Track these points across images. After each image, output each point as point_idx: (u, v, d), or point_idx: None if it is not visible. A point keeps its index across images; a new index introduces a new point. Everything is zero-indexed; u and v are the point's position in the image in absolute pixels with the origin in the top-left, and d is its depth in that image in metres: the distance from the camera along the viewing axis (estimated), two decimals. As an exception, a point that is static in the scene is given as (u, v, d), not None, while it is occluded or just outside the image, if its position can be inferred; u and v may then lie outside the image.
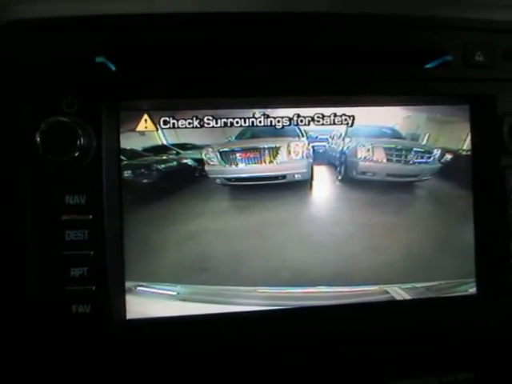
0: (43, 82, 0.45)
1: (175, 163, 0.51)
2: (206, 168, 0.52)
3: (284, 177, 0.53)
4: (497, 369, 0.55)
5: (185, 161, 0.52)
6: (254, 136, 0.53)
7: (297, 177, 0.54)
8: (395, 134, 0.55)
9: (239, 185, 0.53)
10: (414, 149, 0.55)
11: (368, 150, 0.55)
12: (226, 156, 0.52)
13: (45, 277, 0.46)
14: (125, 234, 0.49)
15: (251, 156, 0.53)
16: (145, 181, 0.50)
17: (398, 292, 0.54)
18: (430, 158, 0.55)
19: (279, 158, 0.53)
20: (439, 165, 0.55)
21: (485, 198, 0.54)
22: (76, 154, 0.43)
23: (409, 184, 0.55)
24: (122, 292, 0.49)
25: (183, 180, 0.51)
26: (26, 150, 0.45)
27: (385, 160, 0.55)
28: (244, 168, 0.53)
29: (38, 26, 0.45)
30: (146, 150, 0.51)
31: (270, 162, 0.53)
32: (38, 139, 0.43)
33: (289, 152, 0.53)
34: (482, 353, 0.54)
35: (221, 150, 0.52)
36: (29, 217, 0.46)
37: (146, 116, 0.50)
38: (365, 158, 0.55)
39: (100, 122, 0.46)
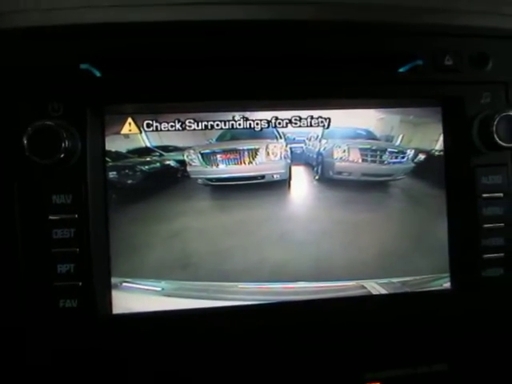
0: (30, 87, 0.48)
1: (158, 164, 0.53)
2: (188, 169, 0.54)
3: (263, 177, 0.55)
4: (469, 360, 0.57)
5: (167, 162, 0.53)
6: (233, 138, 0.55)
7: (275, 177, 0.55)
8: (370, 136, 0.57)
9: (220, 185, 0.55)
10: (389, 149, 0.57)
11: (344, 151, 0.57)
12: (207, 157, 0.54)
13: (33, 273, 0.48)
14: (110, 232, 0.51)
15: (231, 157, 0.55)
16: (129, 181, 0.52)
17: (375, 287, 0.56)
18: (403, 158, 0.57)
19: (258, 159, 0.55)
20: (413, 164, 0.57)
21: (457, 196, 0.56)
22: (61, 156, 0.45)
23: (383, 183, 0.57)
24: (108, 288, 0.51)
25: (166, 180, 0.53)
26: (14, 152, 0.47)
27: (360, 160, 0.57)
28: (224, 169, 0.55)
29: (25, 35, 0.48)
30: (130, 151, 0.53)
31: (250, 162, 0.55)
32: (25, 142, 0.45)
33: (267, 153, 0.55)
34: (455, 345, 0.56)
35: (202, 152, 0.54)
36: (17, 216, 0.48)
37: (129, 119, 0.52)
38: (341, 158, 0.57)
39: (85, 126, 0.48)
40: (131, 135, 0.52)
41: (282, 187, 0.56)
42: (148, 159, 0.53)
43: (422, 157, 0.57)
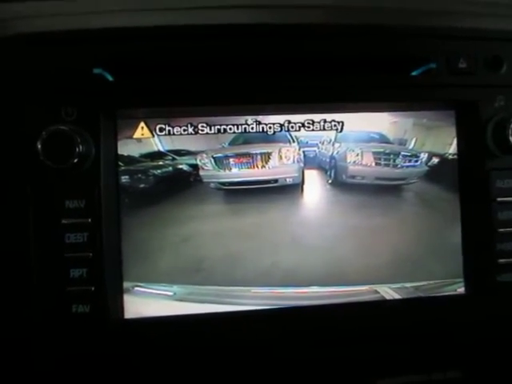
0: (44, 92, 0.48)
1: (171, 168, 0.53)
2: (201, 173, 0.54)
3: (276, 181, 0.55)
4: (484, 367, 0.56)
5: (180, 166, 0.53)
6: (246, 142, 0.55)
7: (288, 181, 0.55)
8: (383, 139, 0.57)
9: (233, 189, 0.54)
10: (402, 153, 0.57)
11: (357, 155, 0.56)
12: (220, 161, 0.54)
13: (46, 278, 0.48)
14: (123, 236, 0.51)
15: (244, 161, 0.54)
16: (142, 186, 0.52)
17: (388, 292, 0.55)
18: (417, 161, 0.57)
19: (271, 162, 0.55)
20: (426, 168, 0.57)
21: (471, 200, 0.55)
22: (75, 161, 0.45)
23: (397, 187, 0.57)
24: (120, 292, 0.51)
25: (179, 185, 0.53)
26: (28, 157, 0.47)
27: (373, 164, 0.57)
28: (237, 173, 0.55)
29: (38, 40, 0.48)
30: (142, 156, 0.53)
31: (263, 166, 0.55)
32: (39, 147, 0.45)
33: (280, 157, 0.55)
34: (470, 351, 0.56)
35: (215, 156, 0.54)
36: (30, 220, 0.48)
37: (142, 124, 0.52)
38: (354, 162, 0.56)
39: (98, 130, 0.48)
40: (143, 139, 0.52)
41: (295, 191, 0.55)
42: (160, 163, 0.53)
43: (435, 160, 0.57)
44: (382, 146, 0.57)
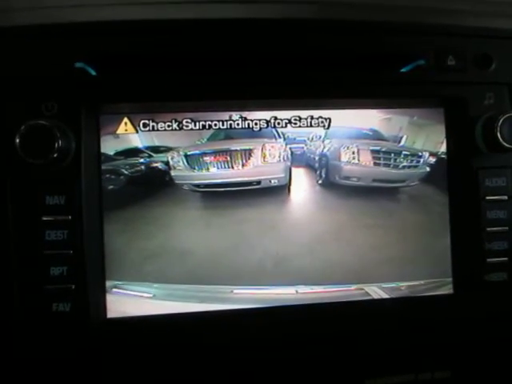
0: (24, 86, 0.47)
1: (143, 167, 0.50)
2: (172, 173, 0.49)
3: (259, 182, 0.50)
4: (473, 366, 0.55)
5: (155, 165, 0.50)
6: (227, 138, 0.51)
7: (273, 182, 0.51)
8: (378, 136, 0.53)
9: (210, 191, 0.50)
10: (403, 152, 0.52)
11: (353, 153, 0.52)
12: (193, 160, 0.49)
13: (25, 275, 0.47)
14: (106, 234, 0.50)
15: (221, 159, 0.50)
16: (120, 183, 0.50)
17: (376, 291, 0.55)
18: (418, 162, 0.53)
19: (253, 161, 0.50)
20: (427, 169, 0.53)
21: (460, 199, 0.55)
22: (55, 156, 0.44)
23: (393, 189, 0.53)
24: (102, 291, 0.50)
25: (153, 185, 0.50)
26: (7, 152, 0.46)
27: (371, 164, 0.52)
28: (214, 173, 0.50)
29: (18, 34, 0.47)
30: (118, 153, 0.50)
31: (244, 166, 0.51)
32: (18, 141, 0.44)
33: (264, 155, 0.51)
34: (458, 351, 0.55)
35: (187, 153, 0.49)
36: (10, 217, 0.47)
37: (126, 119, 0.51)
38: (349, 161, 0.52)
39: (79, 125, 0.47)
40: (121, 135, 0.50)
41: (281, 193, 0.51)
42: (136, 161, 0.50)
43: (432, 160, 0.54)
44: (379, 143, 0.52)
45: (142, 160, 0.50)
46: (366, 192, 0.53)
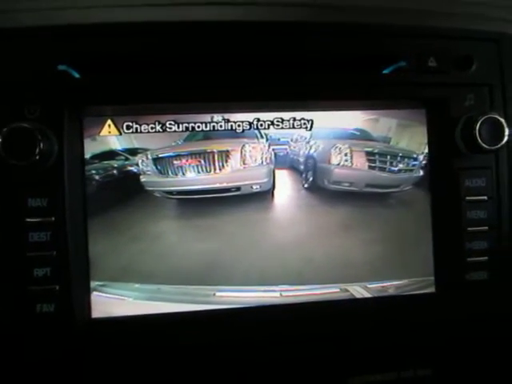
0: (6, 88, 0.47)
1: (115, 172, 0.49)
2: (142, 179, 0.46)
3: (238, 189, 0.46)
4: (454, 365, 0.56)
5: (129, 168, 0.48)
6: (206, 138, 0.49)
7: (255, 188, 0.47)
8: (366, 136, 0.50)
9: (184, 198, 0.46)
10: (400, 154, 0.49)
11: (345, 154, 0.48)
12: (163, 164, 0.46)
13: (9, 277, 0.47)
14: (89, 235, 0.51)
15: (193, 163, 0.46)
16: (103, 186, 0.50)
17: (358, 290, 0.55)
18: (414, 165, 0.50)
19: (231, 164, 0.46)
20: (422, 173, 0.51)
21: (441, 199, 0.55)
22: (36, 158, 0.45)
23: (385, 195, 0.50)
24: (86, 291, 0.51)
25: (125, 190, 0.48)
26: None
27: (366, 167, 0.48)
28: (187, 179, 0.46)
29: (1, 36, 0.47)
30: (95, 155, 0.50)
31: (220, 169, 0.47)
32: (0, 144, 0.44)
33: (243, 157, 0.48)
34: (440, 349, 0.56)
35: (158, 156, 0.45)
36: None
37: (109, 121, 0.51)
38: (341, 164, 0.48)
39: (61, 128, 0.48)
40: (98, 137, 0.50)
41: (264, 199, 0.47)
42: (109, 165, 0.49)
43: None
44: (373, 144, 0.48)
45: (116, 164, 0.48)
46: (356, 197, 0.50)
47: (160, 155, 0.46)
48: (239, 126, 0.53)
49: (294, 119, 0.54)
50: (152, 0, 0.52)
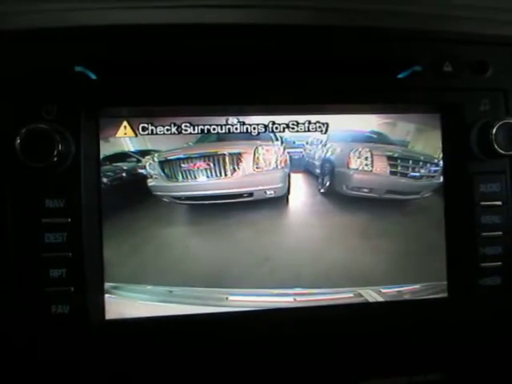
0: (24, 89, 0.47)
1: (124, 174, 0.48)
2: (149, 183, 0.44)
3: (250, 194, 0.44)
4: (465, 370, 0.56)
5: (140, 171, 0.47)
6: (220, 140, 0.47)
7: (269, 193, 0.44)
8: (384, 139, 0.48)
9: (194, 204, 0.44)
10: (422, 159, 0.47)
11: (366, 159, 0.46)
12: (170, 167, 0.43)
13: (25, 278, 0.47)
14: (104, 237, 0.51)
15: (203, 166, 0.43)
16: (118, 187, 0.50)
17: (372, 295, 0.55)
18: (436, 171, 0.48)
19: (243, 168, 0.44)
20: (441, 179, 0.49)
21: (455, 204, 0.55)
22: (54, 160, 0.45)
23: (405, 201, 0.48)
24: (100, 293, 0.51)
25: (135, 194, 0.47)
26: (7, 155, 0.46)
27: (388, 172, 0.46)
28: (196, 184, 0.43)
29: (19, 37, 0.47)
30: (108, 157, 0.50)
31: (232, 173, 0.44)
32: (18, 145, 0.44)
33: (257, 161, 0.45)
34: (451, 354, 0.56)
35: (165, 159, 0.42)
36: (9, 220, 0.47)
37: (125, 123, 0.51)
38: (361, 168, 0.45)
39: (78, 129, 0.48)
40: (111, 139, 0.50)
41: (278, 204, 0.45)
42: (118, 166, 0.48)
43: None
44: (392, 148, 0.45)
45: (126, 167, 0.47)
46: (373, 203, 0.48)
47: (168, 157, 0.44)
48: (254, 128, 0.53)
49: (309, 122, 0.54)
50: (166, 3, 0.52)
